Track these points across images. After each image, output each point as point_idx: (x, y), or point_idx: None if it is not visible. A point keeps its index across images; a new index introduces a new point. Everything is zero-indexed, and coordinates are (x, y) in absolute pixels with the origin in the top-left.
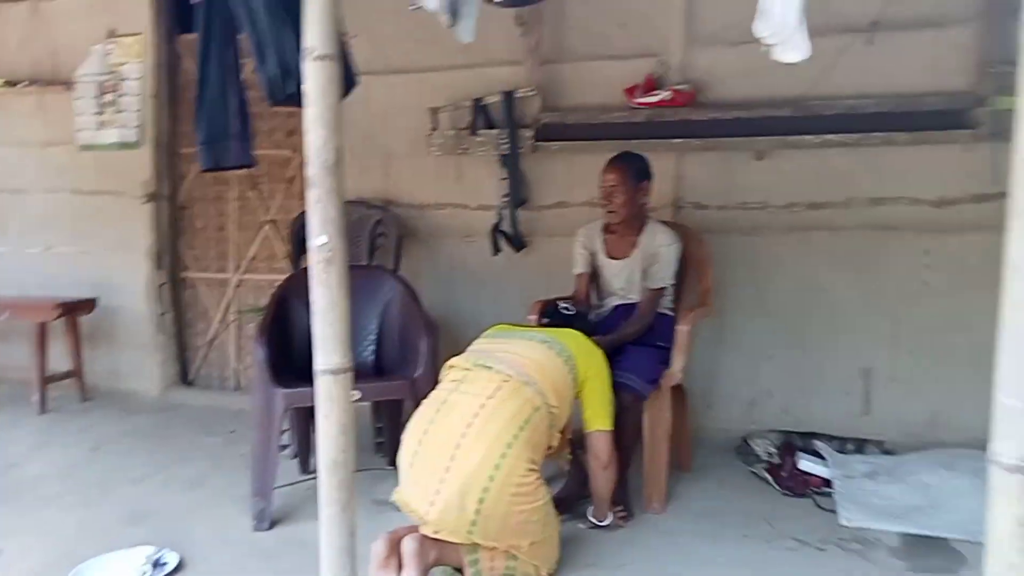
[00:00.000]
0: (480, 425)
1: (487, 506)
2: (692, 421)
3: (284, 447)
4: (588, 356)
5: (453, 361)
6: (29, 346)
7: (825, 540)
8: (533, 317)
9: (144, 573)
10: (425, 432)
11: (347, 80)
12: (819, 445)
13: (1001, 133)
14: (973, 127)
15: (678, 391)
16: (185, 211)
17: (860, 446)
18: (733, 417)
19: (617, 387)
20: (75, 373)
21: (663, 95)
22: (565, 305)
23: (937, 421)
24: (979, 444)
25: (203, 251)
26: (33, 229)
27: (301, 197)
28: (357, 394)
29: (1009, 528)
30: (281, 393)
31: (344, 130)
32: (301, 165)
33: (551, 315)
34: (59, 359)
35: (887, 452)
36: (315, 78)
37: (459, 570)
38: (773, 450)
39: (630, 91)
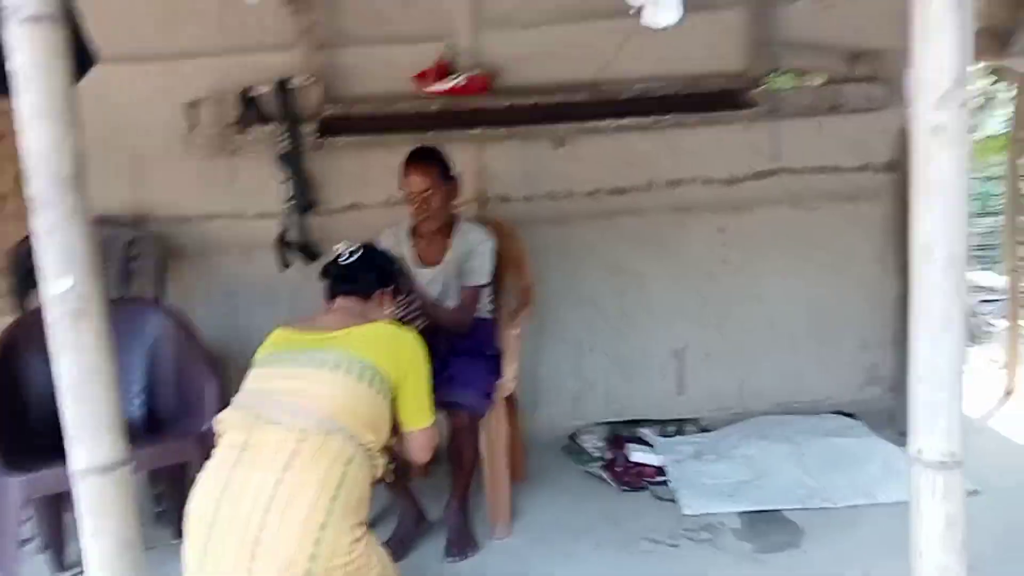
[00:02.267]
0: (281, 510)
1: None
2: (519, 423)
3: (26, 541)
4: (396, 355)
5: (225, 416)
6: None
7: (674, 534)
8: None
9: None
10: (212, 525)
11: (80, 55)
12: (644, 433)
13: (777, 111)
14: (751, 107)
15: (509, 398)
16: None
17: (680, 427)
18: (559, 414)
19: (450, 407)
20: None
21: (456, 81)
22: (344, 249)
23: (744, 391)
24: (782, 408)
25: None
26: None
27: (19, 218)
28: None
29: (939, 529)
30: (18, 482)
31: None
32: (15, 178)
33: (333, 277)
34: None
35: (705, 430)
36: (29, 49)
37: None
38: (601, 444)
39: (421, 77)
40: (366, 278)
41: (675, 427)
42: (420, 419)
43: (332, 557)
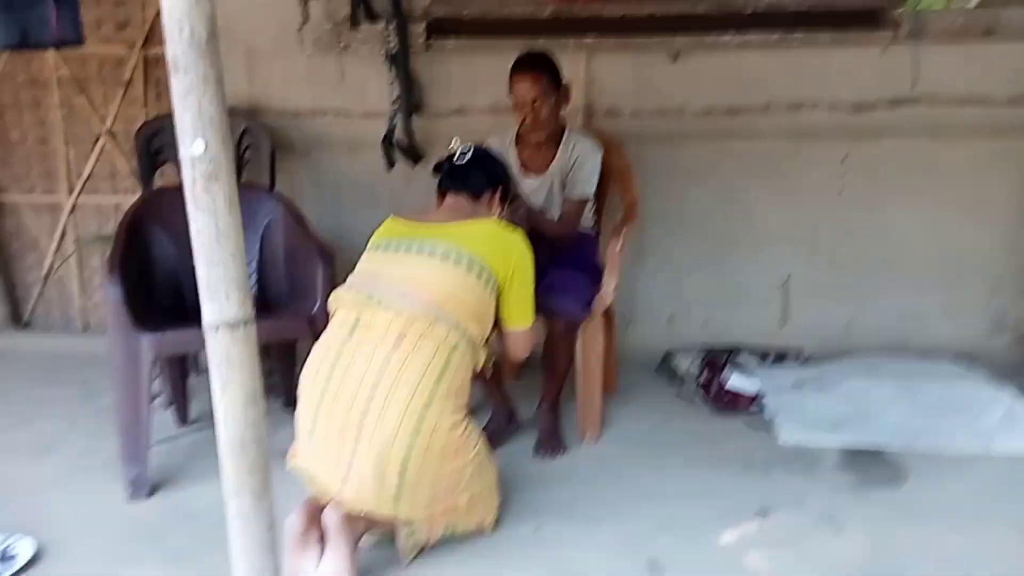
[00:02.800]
0: (388, 387)
1: (411, 476)
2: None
3: (155, 396)
4: (506, 253)
5: (340, 293)
6: None
7: (769, 461)
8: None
9: None
10: (323, 394)
11: None
12: (742, 359)
13: (921, 34)
14: (892, 28)
15: (607, 312)
16: None
17: (780, 357)
18: (653, 334)
19: (549, 313)
20: None
21: None
22: (459, 150)
23: (853, 328)
24: (893, 349)
25: (23, 169)
26: None
27: (145, 104)
28: None
29: None
30: (148, 339)
31: None
32: (140, 65)
33: (445, 174)
34: None
35: (806, 362)
36: None
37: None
38: (697, 366)
39: None
40: (477, 177)
41: (775, 356)
42: (523, 319)
43: (433, 436)
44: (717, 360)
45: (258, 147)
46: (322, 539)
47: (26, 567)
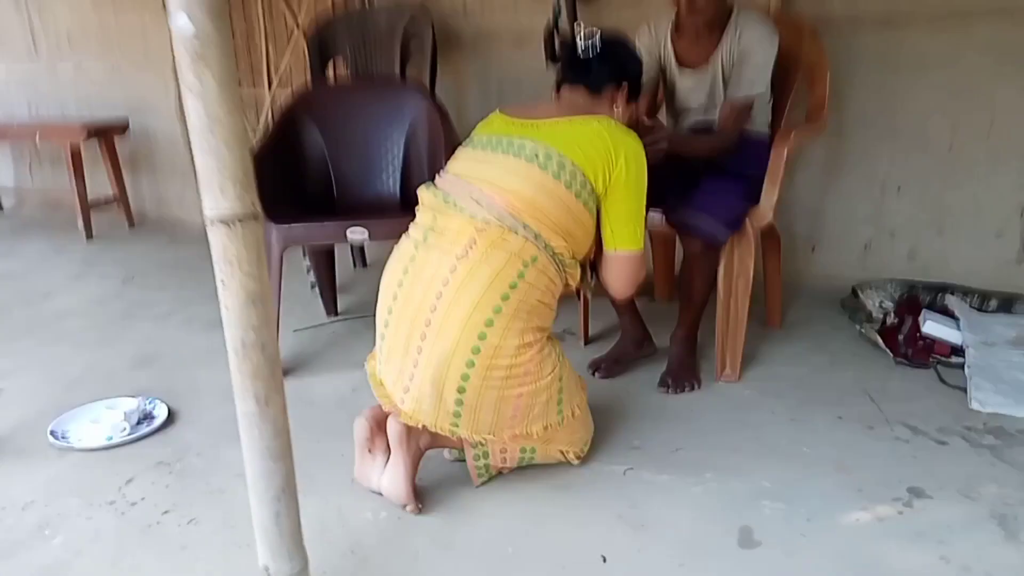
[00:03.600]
0: (451, 297)
1: (470, 396)
2: (791, 266)
3: (313, 284)
4: (608, 158)
5: (421, 194)
6: None
7: (947, 429)
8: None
9: (123, 429)
10: (394, 299)
11: None
12: (952, 300)
13: None
14: None
15: (770, 232)
16: None
17: (1008, 303)
18: (845, 263)
19: (684, 231)
20: (118, 199)
21: None
22: (583, 36)
23: None
24: None
25: (233, 64)
26: (63, 45)
27: (334, 4)
28: (363, 232)
29: None
30: (276, 231)
31: None
32: None
33: (563, 63)
34: (103, 185)
35: None
36: None
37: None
38: (890, 304)
39: None
40: (600, 69)
41: (999, 301)
42: (623, 240)
43: (495, 356)
44: (918, 298)
45: (423, 38)
46: (388, 447)
47: (162, 427)
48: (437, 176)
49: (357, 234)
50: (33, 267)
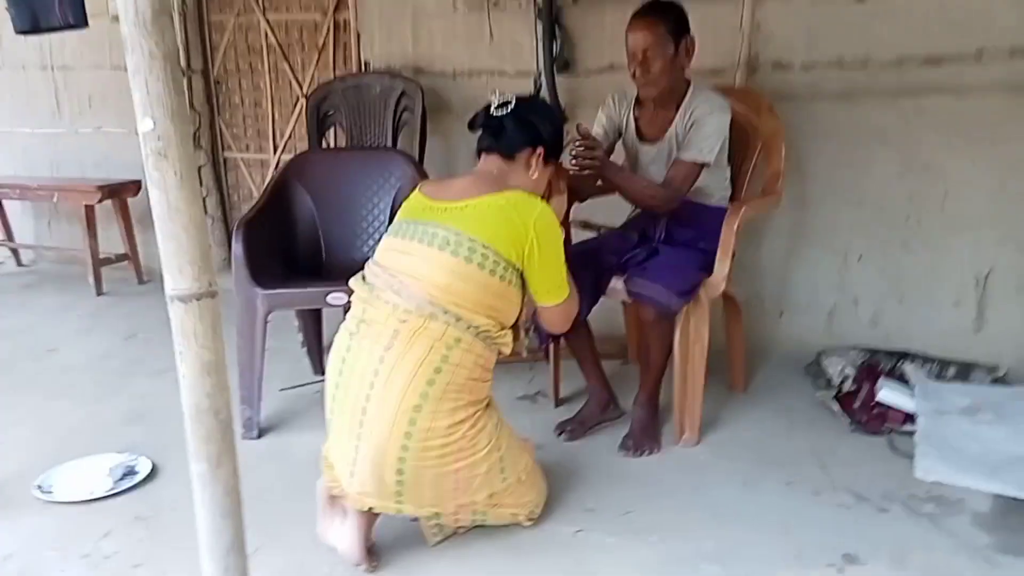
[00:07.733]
0: (381, 386)
1: (409, 476)
2: (760, 331)
3: (303, 343)
4: (517, 230)
5: (352, 284)
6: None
7: (890, 496)
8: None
9: (106, 484)
10: (336, 386)
11: None
12: (908, 369)
13: None
14: None
15: (729, 300)
16: (220, 86)
17: (965, 372)
18: (810, 329)
19: (639, 299)
20: (129, 256)
21: None
22: (496, 101)
23: None
24: None
25: (241, 130)
26: (84, 109)
27: (334, 70)
28: (343, 298)
29: None
30: (262, 295)
31: None
32: (332, 30)
33: (484, 128)
34: (117, 242)
35: (999, 381)
36: None
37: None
38: (850, 371)
39: None
40: (512, 135)
41: (957, 370)
42: (550, 296)
43: (427, 438)
44: (877, 366)
45: (413, 109)
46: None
47: (144, 482)
48: (367, 265)
49: (337, 299)
50: (43, 321)
